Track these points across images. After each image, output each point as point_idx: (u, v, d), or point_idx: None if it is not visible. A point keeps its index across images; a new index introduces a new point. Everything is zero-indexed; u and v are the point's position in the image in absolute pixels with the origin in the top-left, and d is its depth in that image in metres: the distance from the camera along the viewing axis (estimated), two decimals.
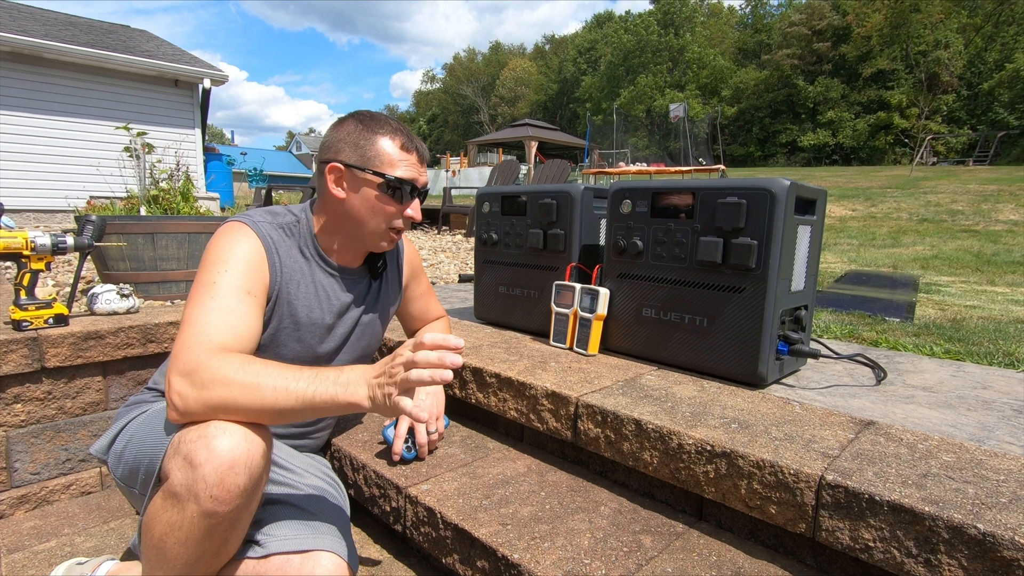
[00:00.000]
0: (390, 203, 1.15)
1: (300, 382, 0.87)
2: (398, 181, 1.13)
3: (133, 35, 10.53)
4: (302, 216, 1.21)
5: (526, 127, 24.06)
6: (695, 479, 1.03)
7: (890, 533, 0.80)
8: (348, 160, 1.13)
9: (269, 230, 1.12)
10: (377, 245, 1.21)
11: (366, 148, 1.13)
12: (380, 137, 1.13)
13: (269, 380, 0.86)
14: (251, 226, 1.10)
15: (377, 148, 1.13)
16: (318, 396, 0.86)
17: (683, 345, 1.40)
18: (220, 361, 0.88)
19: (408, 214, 1.18)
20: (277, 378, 0.87)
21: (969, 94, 31.79)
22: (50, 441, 1.68)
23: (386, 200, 1.15)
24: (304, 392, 0.86)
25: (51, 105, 8.24)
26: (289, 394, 0.86)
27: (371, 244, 1.21)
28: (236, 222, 1.11)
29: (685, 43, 41.80)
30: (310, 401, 0.86)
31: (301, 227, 1.19)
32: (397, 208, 1.16)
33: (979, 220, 8.48)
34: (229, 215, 5.41)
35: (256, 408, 0.86)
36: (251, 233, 1.09)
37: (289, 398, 0.86)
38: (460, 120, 58.73)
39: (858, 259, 5.45)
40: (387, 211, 1.16)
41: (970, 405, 1.23)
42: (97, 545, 1.44)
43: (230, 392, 0.85)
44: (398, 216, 1.17)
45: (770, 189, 1.22)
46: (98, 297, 1.87)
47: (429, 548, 1.14)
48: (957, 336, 1.97)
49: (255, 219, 1.12)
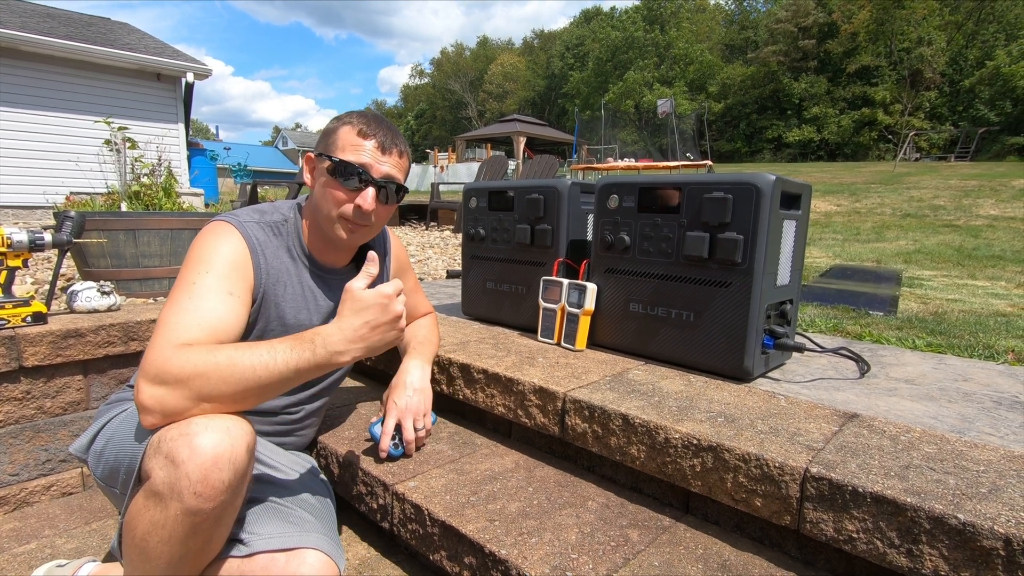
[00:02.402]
0: (337, 187, 1.10)
1: (277, 353, 0.88)
2: (342, 164, 1.09)
3: (114, 28, 10.33)
4: (290, 215, 1.19)
5: (514, 123, 24.02)
6: (682, 473, 1.03)
7: (873, 524, 0.81)
8: (316, 149, 1.15)
9: (255, 230, 1.11)
10: (334, 233, 1.15)
11: (329, 135, 1.13)
12: (344, 125, 1.12)
13: (244, 359, 0.86)
14: (236, 226, 1.08)
15: (337, 134, 1.12)
16: (302, 361, 0.89)
17: (670, 340, 1.41)
18: (186, 353, 0.86)
19: (357, 203, 1.10)
20: (252, 355, 0.87)
21: (951, 91, 32.27)
22: (29, 441, 1.65)
23: (333, 184, 1.10)
24: (286, 361, 0.88)
25: (29, 99, 8.07)
26: (269, 368, 0.87)
27: (329, 232, 1.16)
28: (221, 221, 1.09)
29: (672, 39, 41.93)
30: (294, 368, 0.88)
31: (289, 226, 1.18)
32: (345, 194, 1.11)
33: (960, 215, 8.62)
34: (213, 211, 5.34)
35: (239, 389, 0.85)
36: (235, 233, 1.07)
37: (271, 371, 0.87)
38: (448, 115, 58.44)
39: (843, 254, 5.51)
40: (335, 196, 1.11)
41: (951, 397, 1.24)
42: (79, 547, 1.42)
43: (208, 381, 0.84)
44: (347, 203, 1.11)
45: (756, 184, 1.22)
46: (78, 295, 1.83)
47: (416, 545, 1.13)
48: (939, 329, 2.00)
49: (241, 218, 1.11)
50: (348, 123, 1.13)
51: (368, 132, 1.11)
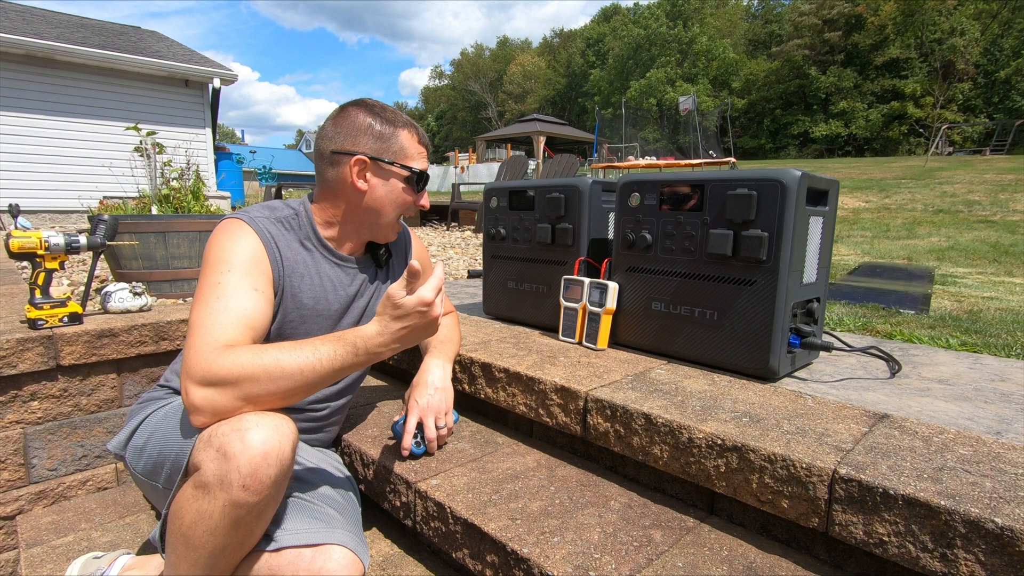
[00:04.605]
0: (412, 194, 1.23)
1: (322, 353, 0.93)
2: (422, 175, 1.23)
3: (144, 36, 10.62)
4: (300, 209, 1.21)
5: (534, 122, 24.01)
6: (706, 473, 1.02)
7: (905, 527, 0.79)
8: (373, 153, 1.16)
9: (267, 225, 1.13)
10: (388, 236, 1.27)
11: (391, 142, 1.17)
12: (400, 130, 1.19)
13: (290, 360, 0.90)
14: (248, 222, 1.10)
15: (401, 142, 1.18)
16: (345, 361, 0.94)
17: (693, 339, 1.39)
18: (231, 356, 0.89)
19: (421, 203, 1.26)
20: (297, 356, 0.91)
21: (986, 82, 31.21)
22: (66, 438, 1.71)
23: (409, 192, 1.22)
24: (331, 360, 0.93)
25: (64, 107, 8.35)
26: (316, 369, 0.92)
27: (382, 235, 1.26)
28: (232, 219, 1.11)
29: (694, 35, 41.40)
30: (338, 368, 0.94)
31: (300, 219, 1.20)
32: (415, 198, 1.24)
33: (996, 210, 8.33)
34: None
35: (288, 388, 0.90)
36: (248, 229, 1.09)
37: (316, 371, 0.92)
38: (468, 116, 58.67)
39: (872, 251, 5.38)
40: (405, 200, 1.22)
41: (987, 398, 1.20)
42: (113, 540, 1.46)
43: (257, 382, 0.88)
44: (413, 206, 1.25)
45: (781, 180, 1.20)
46: (111, 295, 1.89)
47: (439, 543, 1.14)
48: (974, 328, 1.94)
49: (252, 215, 1.13)
50: (401, 127, 1.19)
51: (423, 139, 1.24)
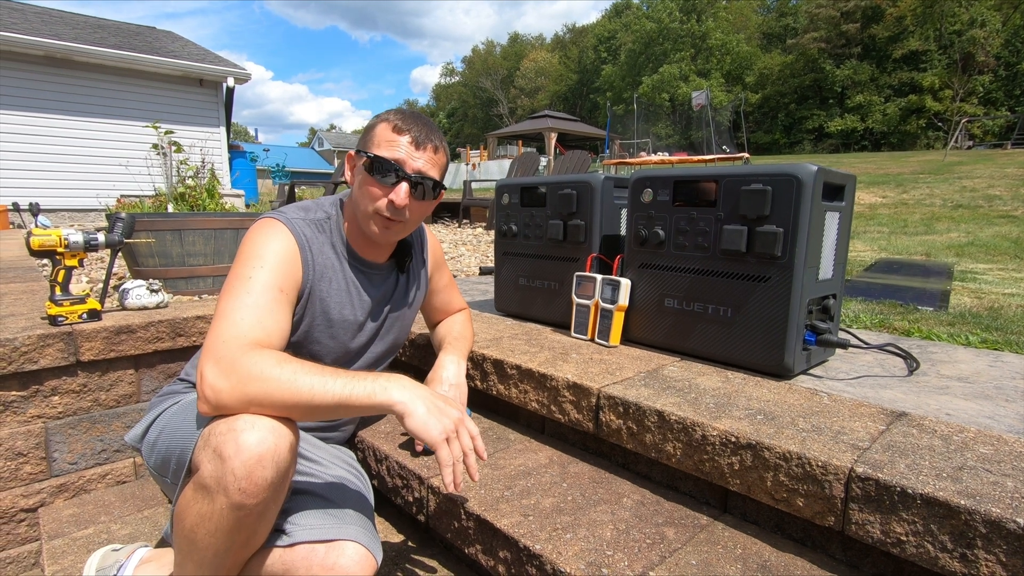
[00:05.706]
0: (374, 184, 1.12)
1: (336, 383, 0.90)
2: (378, 160, 1.11)
3: (159, 36, 10.74)
4: (333, 212, 1.23)
5: (546, 119, 23.93)
6: (719, 471, 1.01)
7: (923, 527, 0.78)
8: (356, 147, 1.18)
9: (303, 227, 1.15)
10: (371, 229, 1.17)
11: (367, 133, 1.17)
12: (381, 122, 1.16)
13: (305, 378, 0.89)
14: (285, 223, 1.13)
15: (374, 131, 1.15)
16: (354, 395, 0.90)
17: (707, 336, 1.38)
18: (256, 357, 0.90)
19: (390, 198, 1.12)
20: (313, 377, 0.89)
21: (1007, 74, 30.55)
22: (86, 432, 1.74)
23: (370, 181, 1.12)
24: (340, 391, 0.89)
25: (82, 107, 8.49)
26: (325, 392, 0.89)
27: (369, 230, 1.18)
28: (271, 218, 1.14)
29: (708, 29, 40.96)
30: (345, 399, 0.90)
31: (332, 223, 1.21)
32: (380, 189, 1.12)
33: (1018, 205, 8.16)
34: (254, 211, 5.50)
35: (291, 404, 0.88)
36: (285, 230, 1.12)
37: (325, 396, 0.89)
38: (479, 113, 58.64)
39: (889, 247, 5.30)
40: (371, 192, 1.13)
41: (1009, 396, 1.18)
42: (132, 532, 1.49)
43: (266, 388, 0.87)
44: (383, 199, 1.12)
45: (796, 175, 1.18)
46: (129, 292, 1.92)
47: (452, 538, 1.14)
48: (994, 325, 1.90)
49: (289, 216, 1.15)
50: (385, 120, 1.15)
51: (403, 128, 1.13)
